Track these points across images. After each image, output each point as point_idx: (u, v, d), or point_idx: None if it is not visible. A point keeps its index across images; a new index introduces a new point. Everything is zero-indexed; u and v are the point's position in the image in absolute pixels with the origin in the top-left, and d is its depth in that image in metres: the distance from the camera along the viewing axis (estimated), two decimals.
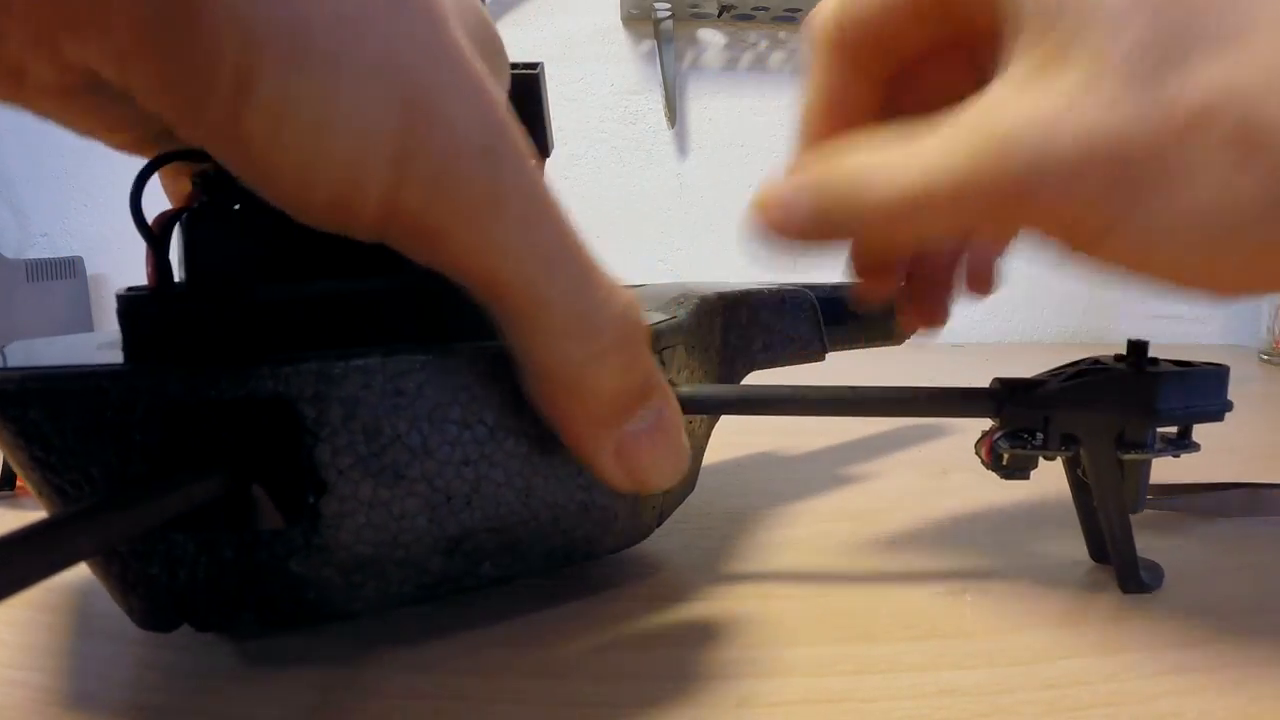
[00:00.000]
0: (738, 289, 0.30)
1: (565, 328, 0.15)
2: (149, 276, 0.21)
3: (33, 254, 1.10)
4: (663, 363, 0.21)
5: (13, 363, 0.16)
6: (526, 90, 0.26)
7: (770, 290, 0.31)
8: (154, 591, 0.16)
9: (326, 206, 0.13)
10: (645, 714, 0.17)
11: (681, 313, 0.24)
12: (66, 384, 0.15)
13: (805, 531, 0.27)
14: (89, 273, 1.10)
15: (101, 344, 0.19)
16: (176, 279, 0.19)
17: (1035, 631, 0.20)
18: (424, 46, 0.13)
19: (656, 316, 0.23)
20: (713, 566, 0.24)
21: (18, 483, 0.33)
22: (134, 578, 0.16)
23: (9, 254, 1.07)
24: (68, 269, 1.09)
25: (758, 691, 0.17)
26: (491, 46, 0.18)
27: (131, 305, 0.17)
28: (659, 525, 0.23)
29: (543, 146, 0.27)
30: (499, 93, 0.15)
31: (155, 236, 0.18)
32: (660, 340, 0.21)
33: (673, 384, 0.22)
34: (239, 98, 0.12)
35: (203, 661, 0.18)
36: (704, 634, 0.20)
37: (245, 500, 0.15)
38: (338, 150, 0.13)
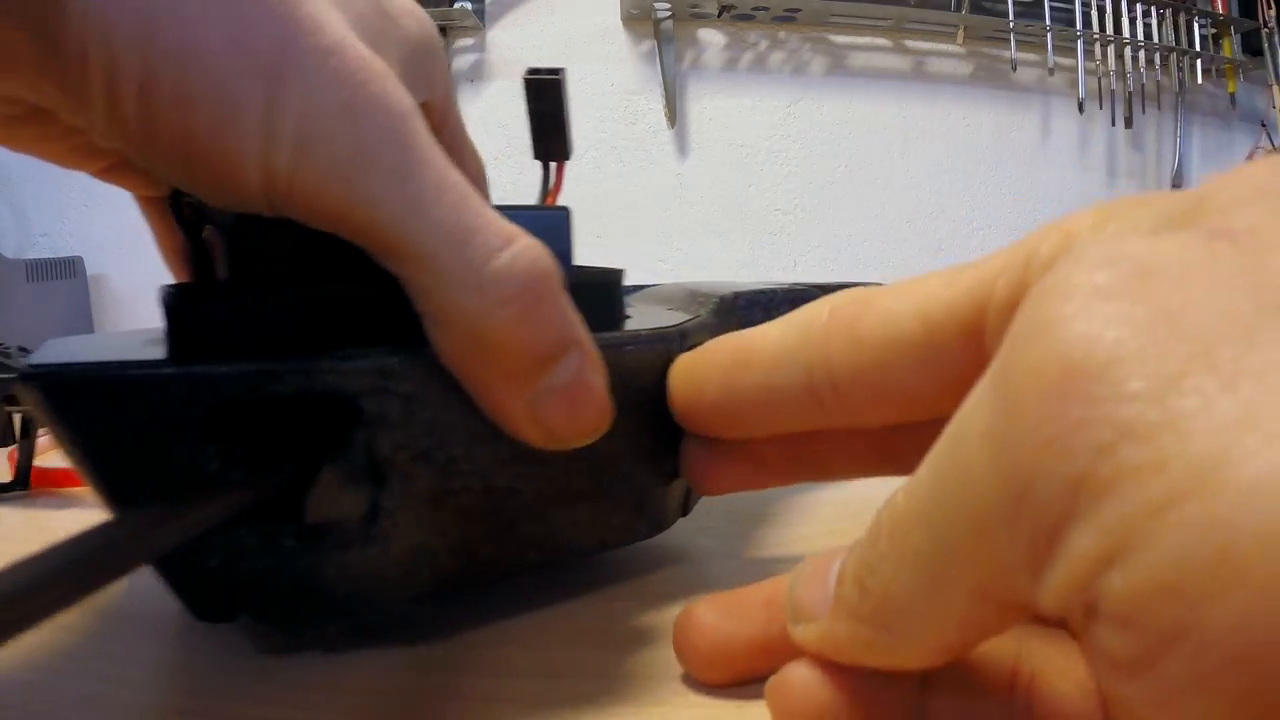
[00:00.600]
0: (752, 288, 0.31)
1: (455, 279, 0.15)
2: (179, 274, 0.22)
3: (33, 254, 1.10)
4: None
5: (52, 359, 0.16)
6: (548, 94, 0.27)
7: (784, 290, 0.31)
8: (212, 583, 0.16)
9: (215, 181, 0.15)
10: (646, 714, 0.17)
11: (704, 312, 0.25)
12: (127, 378, 0.15)
13: (810, 530, 0.27)
14: (89, 273, 1.10)
15: (144, 340, 0.20)
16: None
17: None
18: (277, 18, 0.14)
19: (680, 316, 0.24)
20: (713, 566, 0.24)
21: (31, 482, 0.33)
22: (192, 570, 0.16)
23: (9, 254, 1.07)
24: (68, 269, 1.09)
25: (759, 691, 0.17)
26: (376, 6, 0.19)
27: (182, 300, 0.17)
28: (685, 514, 0.24)
29: (564, 149, 0.28)
30: (360, 49, 0.15)
31: (197, 232, 0.19)
32: (687, 339, 0.22)
33: None
34: (113, 86, 0.14)
35: (211, 661, 0.18)
36: None
37: (305, 493, 0.16)
38: (201, 122, 0.14)
